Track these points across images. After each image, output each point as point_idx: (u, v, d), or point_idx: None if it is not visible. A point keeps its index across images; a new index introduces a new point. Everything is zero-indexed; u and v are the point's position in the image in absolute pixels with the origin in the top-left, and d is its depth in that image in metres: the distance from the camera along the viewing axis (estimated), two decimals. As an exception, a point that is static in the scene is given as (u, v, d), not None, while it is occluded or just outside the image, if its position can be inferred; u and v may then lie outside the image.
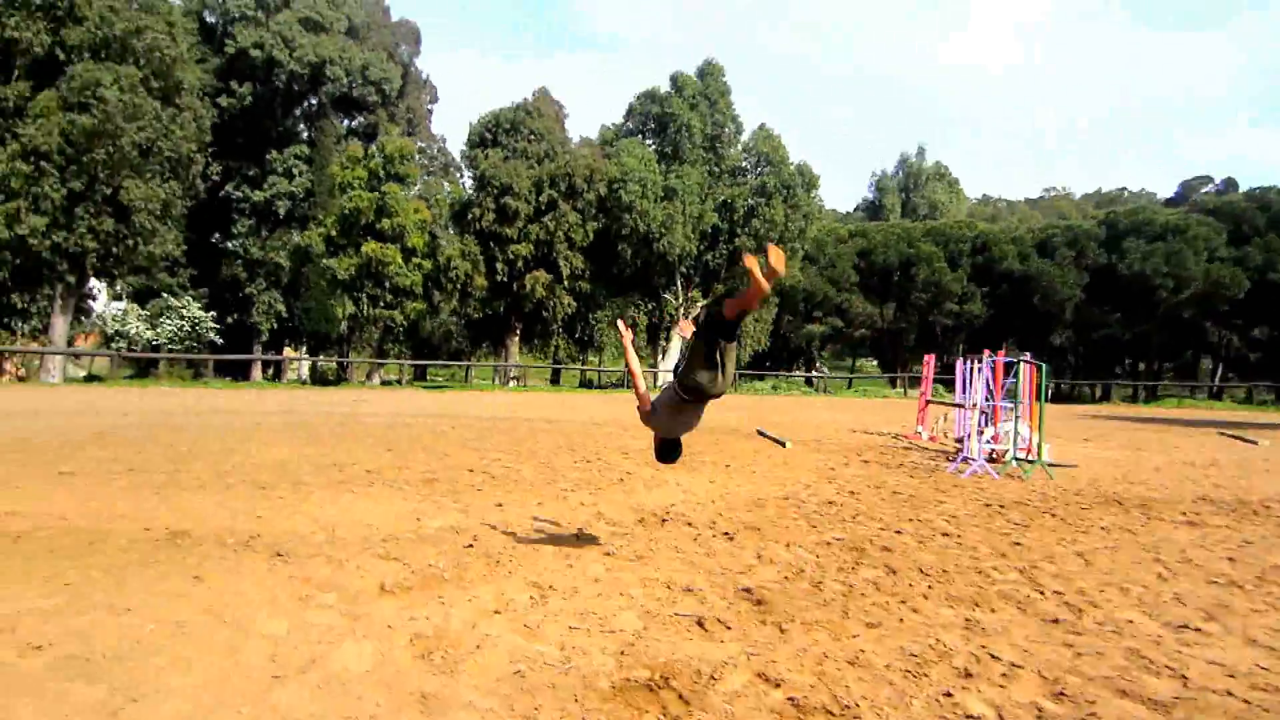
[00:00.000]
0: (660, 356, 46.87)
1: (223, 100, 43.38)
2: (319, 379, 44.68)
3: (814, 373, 58.91)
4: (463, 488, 10.01)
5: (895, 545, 7.35)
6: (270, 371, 49.97)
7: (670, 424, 5.88)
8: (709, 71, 44.79)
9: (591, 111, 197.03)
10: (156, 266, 33.07)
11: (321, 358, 48.81)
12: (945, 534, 7.99)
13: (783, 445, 16.57)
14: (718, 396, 5.55)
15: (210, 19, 46.72)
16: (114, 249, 29.56)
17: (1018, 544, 7.61)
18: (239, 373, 45.25)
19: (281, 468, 11.01)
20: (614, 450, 14.88)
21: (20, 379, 29.76)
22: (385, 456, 12.82)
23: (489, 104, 49.08)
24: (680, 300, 45.56)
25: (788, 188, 43.93)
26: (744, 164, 46.43)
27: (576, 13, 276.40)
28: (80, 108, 27.28)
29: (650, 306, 46.22)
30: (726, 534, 7.66)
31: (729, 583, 5.93)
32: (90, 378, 34.45)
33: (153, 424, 16.49)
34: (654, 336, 47.75)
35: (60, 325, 30.74)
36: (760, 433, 19.22)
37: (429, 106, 58.43)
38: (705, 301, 45.93)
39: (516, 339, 42.95)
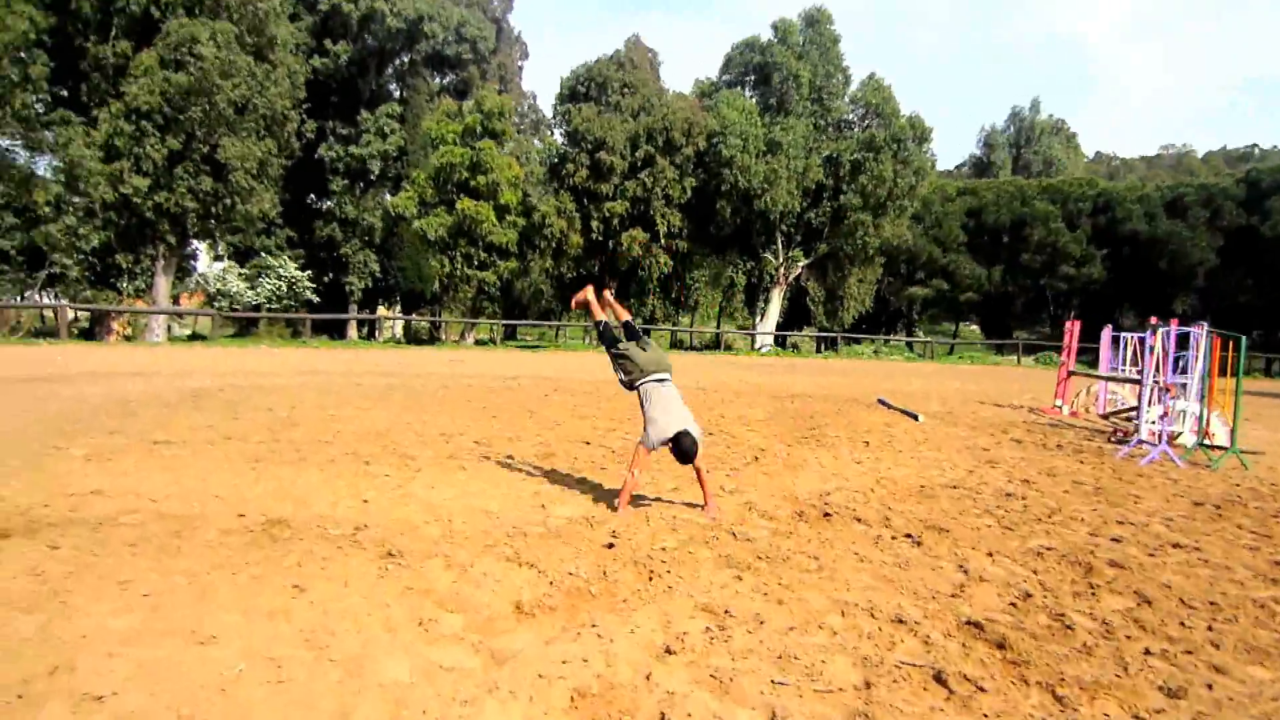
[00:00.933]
0: (759, 319, 45.26)
1: (316, 60, 43.08)
2: (413, 338, 44.57)
3: (912, 337, 56.37)
4: (583, 464, 8.95)
5: (1124, 559, 5.93)
6: (365, 330, 50.24)
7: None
8: (817, 18, 42.42)
9: (683, 70, 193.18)
10: (254, 226, 33.02)
11: (415, 316, 48.85)
12: (1175, 545, 6.53)
13: (915, 419, 15.15)
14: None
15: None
16: (212, 208, 29.47)
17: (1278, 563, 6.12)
18: (335, 331, 45.51)
19: (385, 438, 10.13)
20: (734, 421, 13.68)
21: (127, 338, 30.14)
22: (493, 425, 11.89)
23: (577, 60, 47.81)
24: (780, 260, 43.76)
25: (898, 141, 41.47)
26: (849, 117, 44.04)
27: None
28: (177, 65, 27.06)
29: (749, 266, 44.56)
30: (910, 536, 6.37)
31: (946, 611, 4.66)
32: (194, 337, 34.85)
33: (252, 385, 15.95)
34: (752, 298, 46.16)
35: (163, 285, 30.96)
36: (883, 403, 17.79)
37: (520, 63, 57.51)
38: (803, 261, 44.13)
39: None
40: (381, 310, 57.62)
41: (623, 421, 12.63)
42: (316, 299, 46.92)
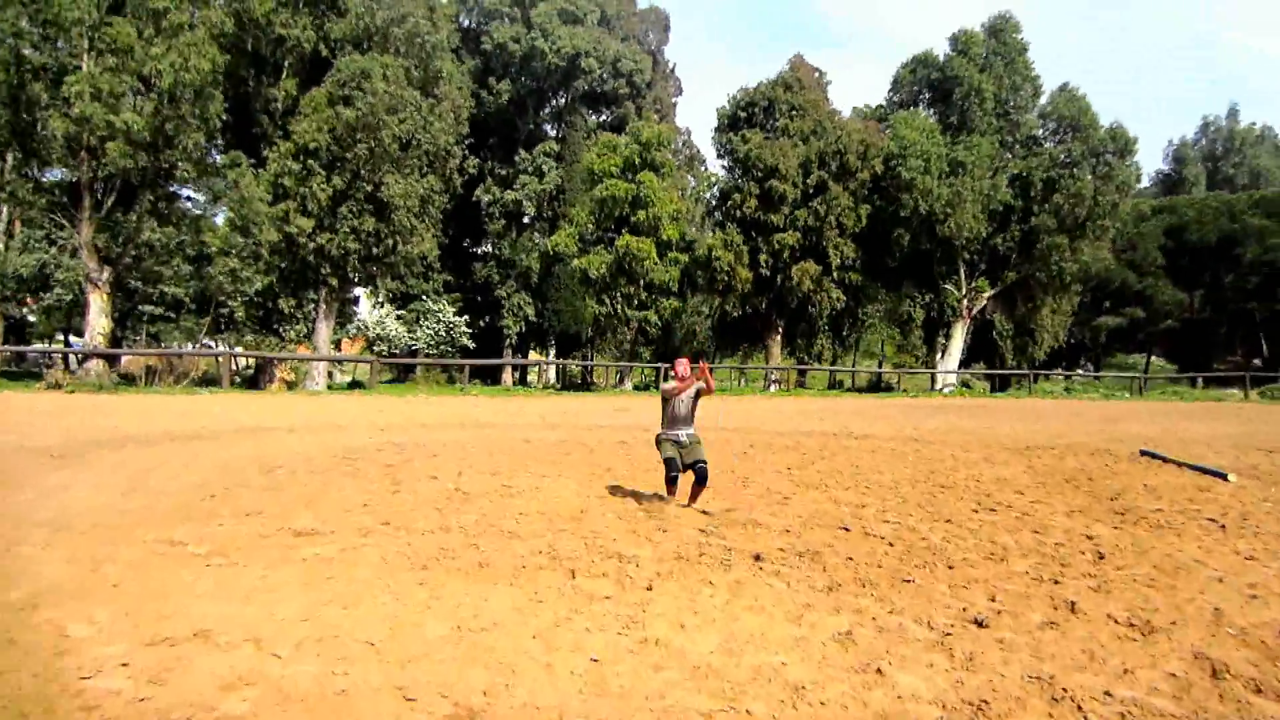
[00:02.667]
0: (940, 356, 41.26)
1: (477, 100, 42.66)
2: (568, 383, 42.99)
3: (1100, 372, 50.38)
4: (883, 574, 6.24)
5: None
6: (517, 374, 49.22)
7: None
8: (1002, 27, 38.68)
9: (841, 97, 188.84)
10: (415, 267, 32.16)
11: (570, 361, 47.51)
12: None
13: (1224, 478, 11.79)
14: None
15: (466, 22, 46.41)
16: (374, 249, 28.63)
17: None
18: (488, 377, 44.48)
19: (582, 524, 7.75)
20: (999, 486, 10.72)
21: (289, 385, 29.58)
22: (711, 499, 9.32)
23: (728, 93, 45.80)
24: (964, 291, 39.78)
25: (1096, 155, 37.07)
26: (1037, 132, 39.85)
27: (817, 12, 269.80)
28: (345, 101, 26.42)
29: (928, 299, 40.73)
30: None
31: None
32: (353, 384, 34.18)
33: (412, 443, 14.05)
34: (931, 334, 42.18)
35: (324, 330, 30.37)
36: (1153, 455, 14.41)
37: (674, 99, 55.91)
38: (988, 291, 39.93)
39: (779, 338, 39.02)
40: (534, 354, 56.76)
41: (881, 495, 9.83)
42: (472, 344, 46.30)
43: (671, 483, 9.01)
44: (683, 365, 8.91)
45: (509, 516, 8.01)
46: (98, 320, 25.08)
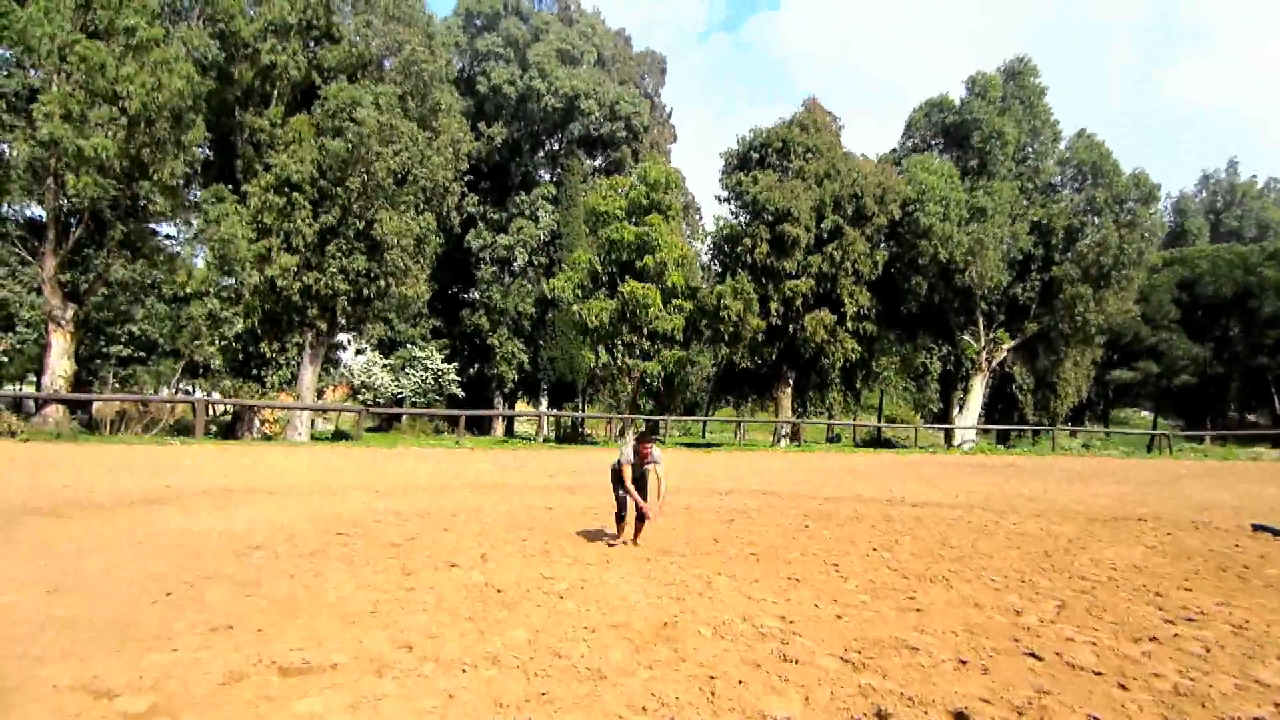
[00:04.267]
0: (958, 410, 39.32)
1: (471, 143, 41.08)
2: (562, 435, 40.72)
3: (1111, 428, 48.57)
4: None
5: None
6: (505, 425, 46.85)
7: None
8: (1020, 70, 37.47)
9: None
10: (407, 310, 30.06)
11: (564, 411, 45.38)
12: None
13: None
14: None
15: (460, 64, 44.90)
16: (365, 290, 26.51)
17: None
18: (475, 426, 42.17)
19: (684, 646, 5.60)
20: (1162, 582, 8.55)
21: (266, 437, 27.19)
22: (807, 605, 7.15)
23: (736, 134, 44.17)
24: (983, 342, 38.00)
25: (1119, 203, 35.68)
26: (1055, 178, 38.51)
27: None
28: (335, 132, 24.51)
29: (944, 350, 38.91)
30: None
31: None
32: (338, 434, 31.81)
33: (415, 511, 11.84)
34: (948, 386, 40.26)
35: (308, 377, 28.08)
36: (1269, 530, 12.68)
37: (669, 145, 54.62)
38: (1008, 343, 38.23)
39: (789, 390, 37.01)
40: (521, 405, 54.54)
41: (1020, 579, 7.74)
42: (461, 392, 44.14)
43: (620, 519, 10.16)
44: (650, 447, 10.01)
45: (572, 634, 5.88)
46: (59, 362, 22.68)
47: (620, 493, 9.94)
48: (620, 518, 10.11)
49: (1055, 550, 10.57)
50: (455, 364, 43.78)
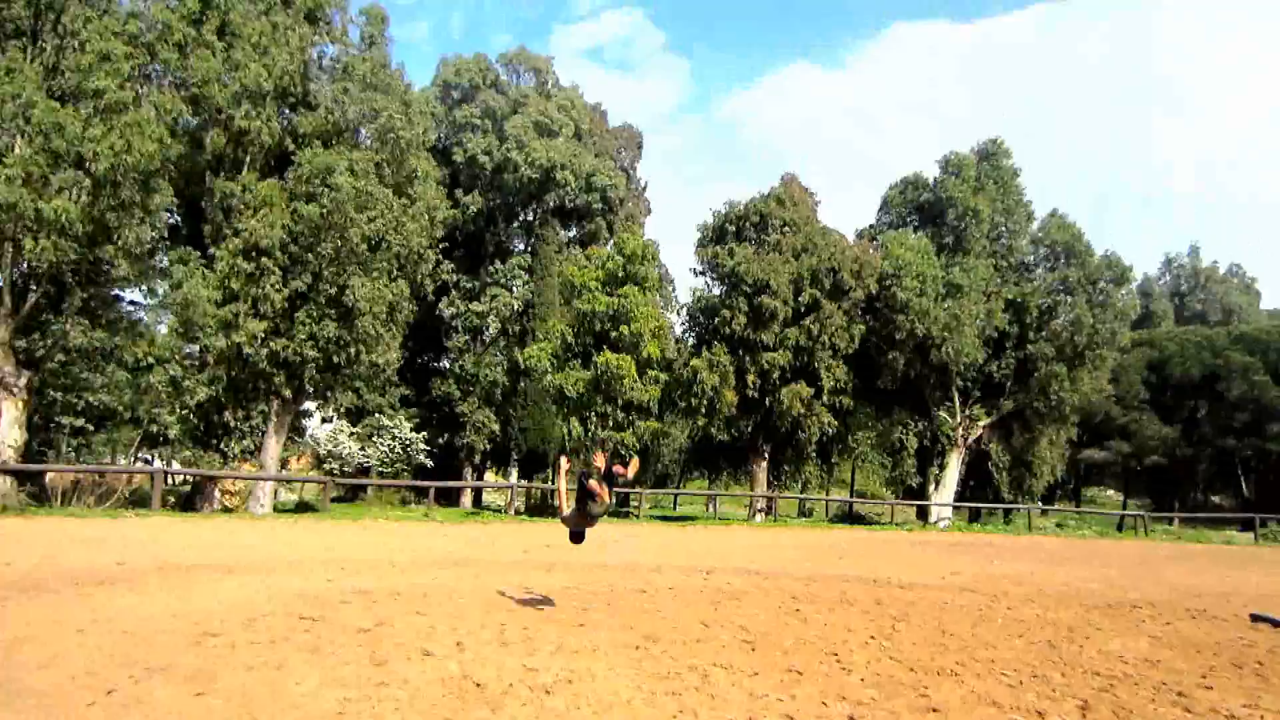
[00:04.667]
0: (934, 486, 38.99)
1: (444, 213, 41.01)
2: (531, 507, 39.70)
3: (1082, 508, 48.41)
4: None
5: None
6: (473, 497, 45.73)
7: (576, 522, 10.21)
8: (993, 151, 38.27)
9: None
10: (379, 378, 29.41)
11: (536, 483, 44.43)
12: None
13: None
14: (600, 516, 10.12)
15: (436, 133, 44.98)
16: (334, 357, 25.85)
17: None
18: (444, 498, 41.12)
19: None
20: (1179, 677, 8.04)
21: (226, 509, 26.13)
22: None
23: (710, 208, 44.93)
24: (959, 418, 37.93)
25: (1092, 283, 36.15)
26: (1028, 258, 39.06)
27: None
28: (308, 197, 24.13)
29: (920, 426, 38.74)
30: None
31: None
32: (302, 505, 30.79)
33: (387, 592, 11.08)
34: (924, 461, 39.95)
35: (273, 447, 27.15)
36: (1268, 620, 12.41)
37: (644, 218, 54.93)
38: (984, 420, 38.21)
39: (764, 463, 36.56)
40: (491, 475, 53.49)
41: (1032, 674, 7.24)
42: (430, 462, 43.17)
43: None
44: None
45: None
46: (9, 431, 21.60)
47: (578, 509, 10.16)
48: (577, 539, 10.64)
49: (1059, 640, 10.10)
50: (424, 433, 42.85)
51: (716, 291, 36.47)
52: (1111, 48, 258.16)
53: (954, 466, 38.32)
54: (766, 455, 36.71)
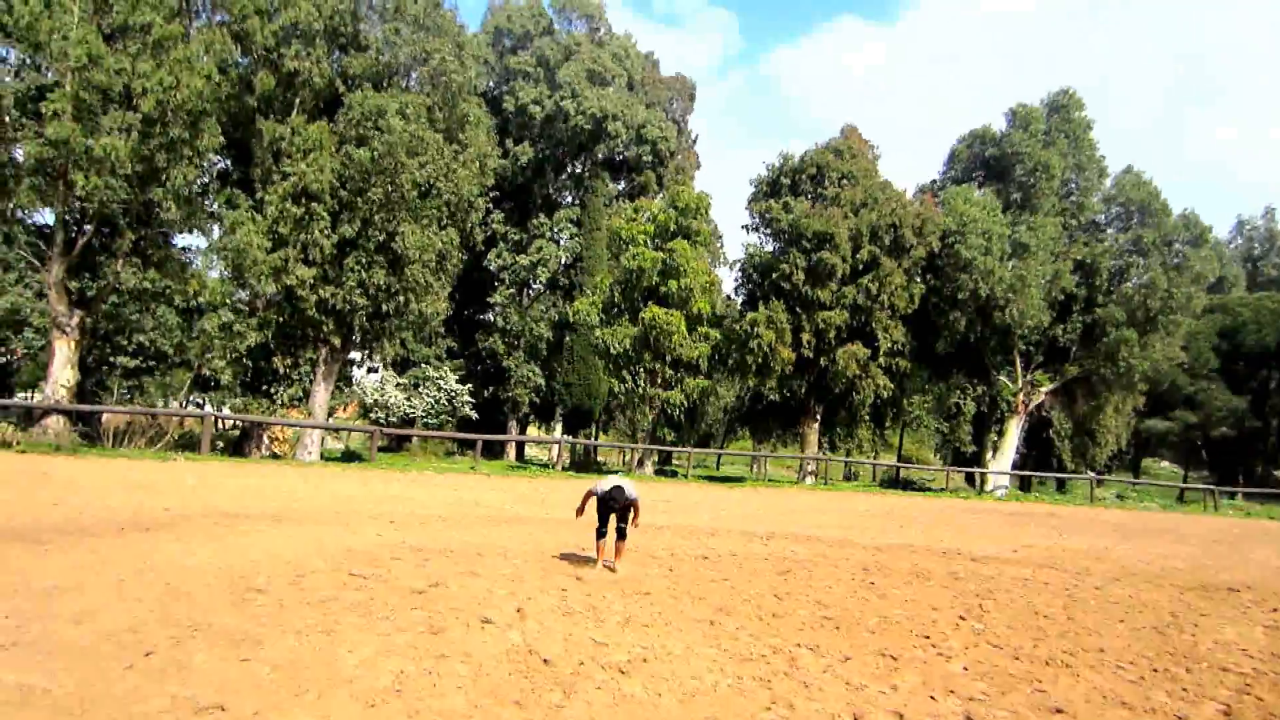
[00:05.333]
0: (991, 453, 37.87)
1: (495, 161, 40.31)
2: (576, 463, 39.31)
3: (1138, 479, 46.78)
4: None
5: None
6: (515, 451, 45.44)
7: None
8: (1064, 103, 36.35)
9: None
10: (426, 327, 28.97)
11: (580, 438, 44.13)
12: None
13: None
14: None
15: (485, 81, 44.02)
16: (383, 305, 25.37)
17: None
18: (487, 450, 40.87)
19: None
20: None
21: (275, 455, 25.99)
22: None
23: (764, 160, 43.36)
24: (1020, 384, 36.63)
25: (1167, 244, 34.42)
26: (1099, 216, 37.29)
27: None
28: (359, 141, 23.49)
29: (979, 390, 37.47)
30: None
31: None
32: (349, 455, 30.64)
33: (438, 549, 10.57)
34: (980, 428, 38.77)
35: (321, 395, 26.88)
36: None
37: (694, 171, 53.67)
38: (1047, 386, 36.84)
39: (816, 425, 35.69)
40: (533, 430, 53.28)
41: (1153, 667, 6.44)
42: (475, 414, 42.94)
43: (601, 537, 10.26)
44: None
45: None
46: (62, 371, 21.48)
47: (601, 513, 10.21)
48: (600, 534, 10.26)
49: (1164, 627, 9.29)
50: (469, 385, 42.59)
51: (770, 248, 35.34)
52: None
53: (1013, 433, 37.07)
54: (819, 417, 35.81)
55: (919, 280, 34.12)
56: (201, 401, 31.90)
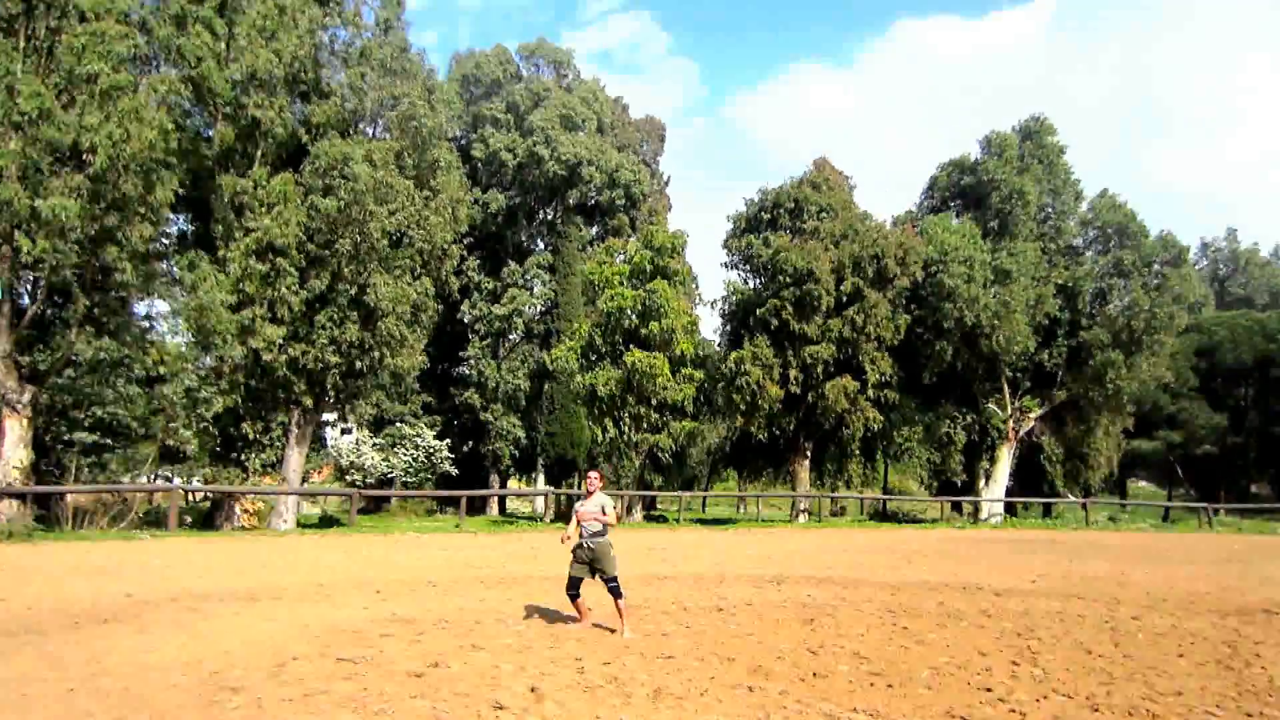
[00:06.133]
0: (984, 481, 37.28)
1: (467, 208, 39.64)
2: (560, 514, 38.10)
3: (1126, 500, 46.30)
4: None
5: None
6: (498, 506, 44.15)
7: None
8: (1035, 130, 36.45)
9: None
10: (403, 383, 27.96)
11: (564, 489, 42.96)
12: None
13: None
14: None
15: (455, 131, 43.60)
16: (357, 362, 24.36)
17: None
18: (470, 507, 39.57)
19: None
20: None
21: (246, 527, 24.67)
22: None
23: (744, 196, 42.97)
24: (1009, 411, 36.16)
25: (1147, 264, 34.35)
26: (1076, 241, 37.25)
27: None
28: (325, 190, 22.64)
29: (969, 419, 36.91)
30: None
31: None
32: (325, 520, 29.39)
33: (431, 615, 9.63)
34: (972, 457, 38.13)
35: (295, 460, 25.67)
36: None
37: (667, 212, 53.39)
38: (1036, 411, 36.43)
39: (806, 462, 34.90)
40: (514, 483, 52.00)
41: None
42: (455, 470, 41.77)
43: (574, 600, 9.44)
44: (592, 478, 9.67)
45: None
46: (14, 451, 20.13)
47: (573, 572, 9.38)
48: (573, 597, 9.47)
49: (1226, 660, 8.63)
50: (447, 441, 41.48)
51: (752, 284, 34.86)
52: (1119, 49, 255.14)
53: (1005, 460, 36.52)
54: (808, 454, 35.03)
55: (903, 311, 33.71)
56: (169, 475, 30.55)
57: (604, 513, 9.27)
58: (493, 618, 9.94)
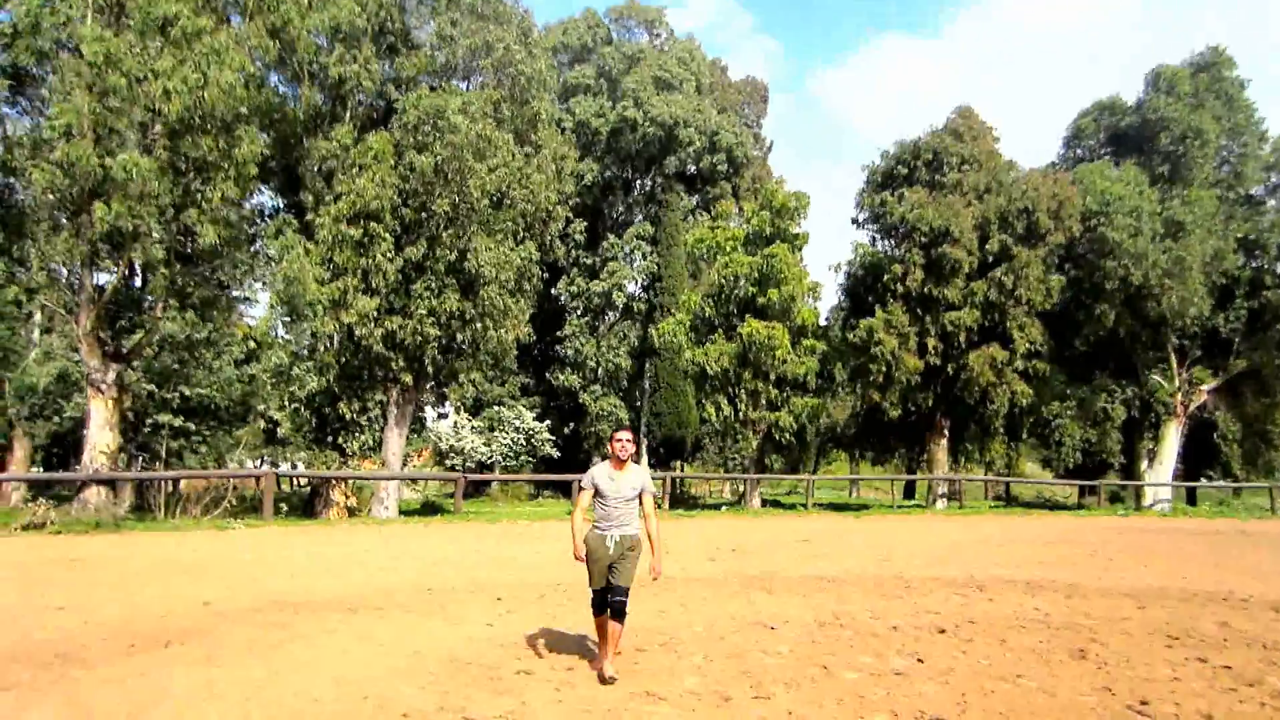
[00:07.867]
0: (1147, 463, 33.39)
1: (573, 165, 37.35)
2: (674, 499, 35.67)
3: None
4: None
5: None
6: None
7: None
8: (1214, 61, 32.00)
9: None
10: (508, 356, 25.85)
11: (677, 471, 40.74)
12: None
13: None
14: None
15: (554, 85, 41.40)
16: (458, 335, 22.30)
17: None
18: (564, 490, 37.52)
19: None
20: None
21: (350, 510, 22.97)
22: None
23: (878, 148, 39.39)
24: (1177, 383, 32.15)
25: (1347, 217, 29.99)
26: (1258, 189, 32.81)
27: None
28: (419, 147, 20.60)
29: (1128, 393, 32.97)
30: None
31: None
32: (428, 507, 27.60)
33: (564, 640, 7.21)
34: (1131, 435, 34.20)
35: (395, 442, 23.82)
36: None
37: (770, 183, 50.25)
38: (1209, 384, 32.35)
39: (944, 441, 31.64)
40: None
41: None
42: (556, 453, 39.86)
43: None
44: (623, 441, 6.46)
45: None
46: (100, 434, 18.67)
47: (594, 585, 6.61)
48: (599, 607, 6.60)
49: None
50: (548, 423, 39.56)
51: (881, 246, 31.66)
52: None
53: (1172, 439, 32.45)
54: (946, 431, 31.72)
55: (1056, 271, 30.04)
56: (263, 458, 29.27)
57: (640, 499, 6.52)
58: (649, 637, 7.56)
